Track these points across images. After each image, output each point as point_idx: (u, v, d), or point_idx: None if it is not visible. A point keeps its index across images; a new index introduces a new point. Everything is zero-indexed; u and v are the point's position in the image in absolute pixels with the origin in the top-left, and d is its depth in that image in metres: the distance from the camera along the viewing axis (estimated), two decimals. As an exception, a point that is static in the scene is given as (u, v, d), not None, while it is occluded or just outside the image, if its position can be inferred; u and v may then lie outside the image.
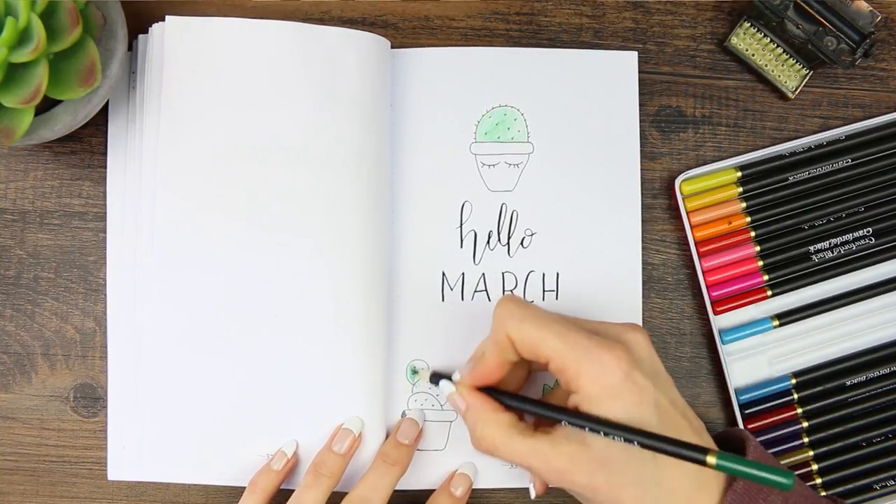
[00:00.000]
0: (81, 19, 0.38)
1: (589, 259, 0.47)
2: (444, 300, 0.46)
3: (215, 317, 0.43)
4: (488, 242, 0.47)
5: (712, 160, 0.47)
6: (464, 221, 0.47)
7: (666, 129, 0.48)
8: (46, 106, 0.41)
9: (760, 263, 0.47)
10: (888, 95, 0.48)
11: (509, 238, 0.47)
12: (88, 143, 0.47)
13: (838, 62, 0.44)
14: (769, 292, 0.47)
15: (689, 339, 0.47)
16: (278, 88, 0.44)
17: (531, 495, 0.43)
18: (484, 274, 0.47)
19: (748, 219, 0.47)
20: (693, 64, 0.48)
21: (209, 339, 0.43)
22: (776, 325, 0.47)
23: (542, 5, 0.48)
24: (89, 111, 0.42)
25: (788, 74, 0.47)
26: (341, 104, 0.44)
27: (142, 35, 0.45)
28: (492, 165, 0.47)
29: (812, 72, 0.47)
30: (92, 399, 0.46)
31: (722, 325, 0.47)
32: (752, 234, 0.47)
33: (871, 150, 0.47)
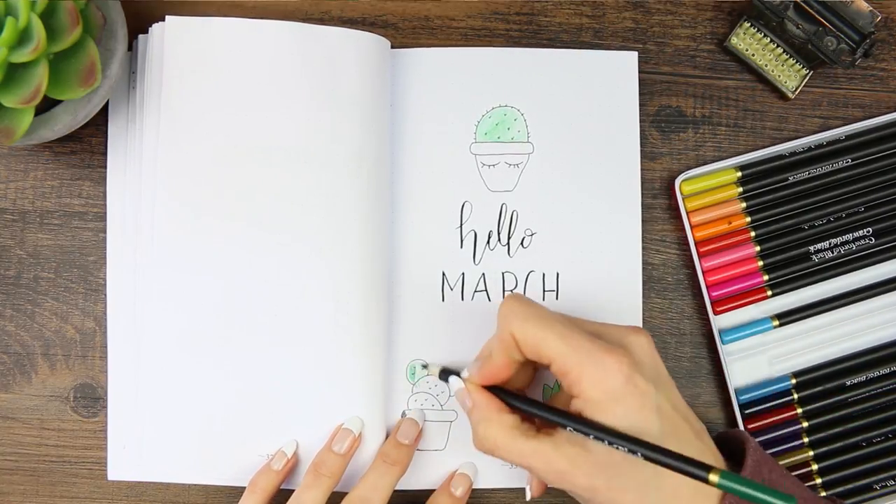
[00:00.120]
0: (81, 19, 0.38)
1: (589, 259, 0.47)
2: (444, 300, 0.46)
3: (215, 317, 0.43)
4: (488, 242, 0.47)
5: (712, 160, 0.47)
6: (464, 221, 0.47)
7: (666, 129, 0.48)
8: (46, 106, 0.41)
9: (760, 263, 0.47)
10: (888, 95, 0.48)
11: (509, 238, 0.47)
12: (88, 143, 0.47)
13: (838, 62, 0.44)
14: (769, 292, 0.47)
15: (689, 339, 0.47)
16: (278, 88, 0.44)
17: (527, 497, 0.43)
18: (484, 274, 0.47)
19: (748, 219, 0.47)
20: (693, 64, 0.48)
21: (209, 339, 0.43)
22: (776, 325, 0.47)
23: (542, 5, 0.48)
24: (89, 111, 0.42)
25: (788, 74, 0.47)
26: (341, 104, 0.44)
27: (142, 35, 0.45)
28: (492, 165, 0.47)
29: (812, 72, 0.47)
30: (92, 399, 0.46)
31: (722, 325, 0.47)
32: (752, 234, 0.47)
33: (870, 150, 0.47)
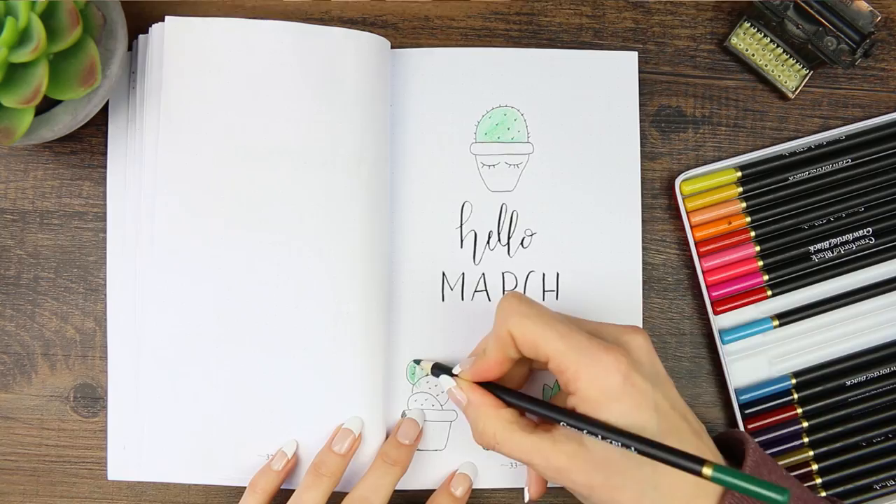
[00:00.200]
0: (81, 19, 0.38)
1: (589, 259, 0.47)
2: (444, 300, 0.46)
3: (215, 317, 0.43)
4: (488, 242, 0.47)
5: (712, 160, 0.47)
6: (464, 221, 0.47)
7: (666, 129, 0.48)
8: (46, 106, 0.41)
9: (760, 263, 0.47)
10: (888, 95, 0.48)
11: (509, 238, 0.47)
12: (88, 143, 0.47)
13: (838, 62, 0.44)
14: (769, 292, 0.47)
15: (689, 339, 0.47)
16: (278, 89, 0.44)
17: (525, 498, 0.43)
18: (484, 274, 0.47)
19: (748, 219, 0.47)
20: (693, 64, 0.48)
21: (209, 338, 0.43)
22: (776, 324, 0.47)
23: (542, 5, 0.48)
24: (89, 111, 0.42)
25: (788, 74, 0.47)
26: (341, 104, 0.44)
27: (142, 35, 0.45)
28: (492, 166, 0.47)
29: (812, 72, 0.47)
30: (92, 399, 0.46)
31: (722, 325, 0.47)
32: (752, 233, 0.47)
33: (871, 149, 0.47)
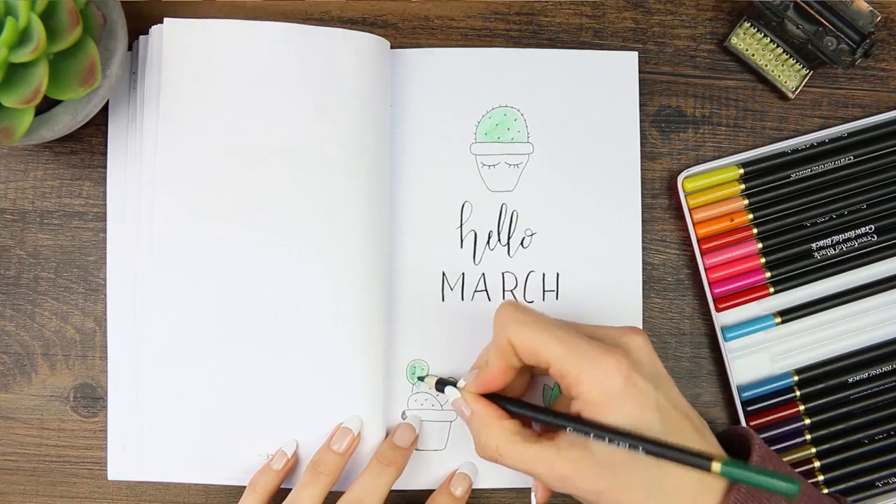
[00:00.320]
0: (81, 19, 0.38)
1: (589, 259, 0.47)
2: (444, 300, 0.46)
3: (215, 317, 0.43)
4: (488, 242, 0.47)
5: (712, 160, 0.47)
6: (464, 221, 0.47)
7: (666, 129, 0.48)
8: (46, 106, 0.41)
9: (763, 260, 0.47)
10: (888, 95, 0.48)
11: (509, 238, 0.47)
12: (88, 143, 0.47)
13: (838, 62, 0.44)
14: (771, 289, 0.47)
15: (689, 339, 0.47)
16: (277, 90, 0.44)
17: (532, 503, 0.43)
18: (484, 274, 0.47)
19: (750, 216, 0.47)
20: (693, 64, 0.48)
21: (209, 338, 0.43)
22: (778, 322, 0.47)
23: (542, 5, 0.48)
24: (89, 111, 0.42)
25: (788, 74, 0.47)
26: (340, 105, 0.44)
27: (142, 36, 0.45)
28: (492, 166, 0.47)
29: (812, 72, 0.47)
30: (92, 399, 0.46)
31: (724, 322, 0.47)
32: (755, 231, 0.47)
33: (872, 147, 0.47)
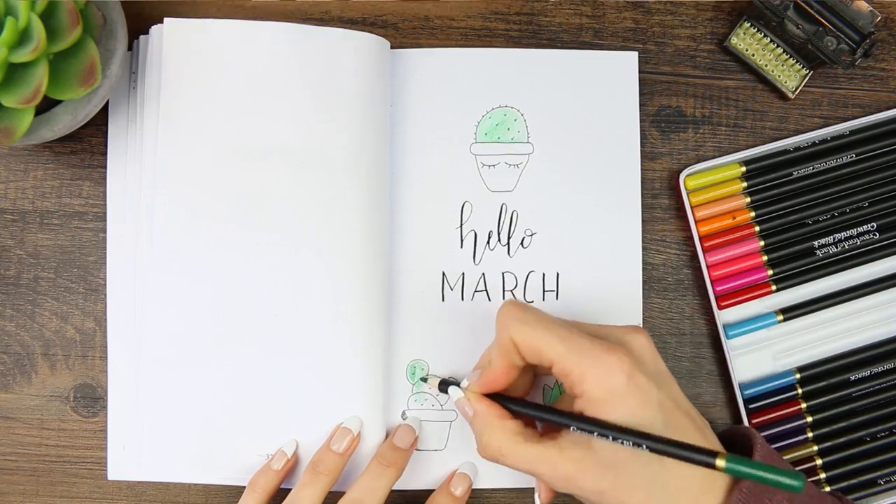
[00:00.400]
0: (81, 19, 0.38)
1: (589, 259, 0.47)
2: (444, 300, 0.46)
3: (215, 317, 0.43)
4: (488, 242, 0.47)
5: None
6: (464, 221, 0.47)
7: (666, 129, 0.48)
8: (46, 106, 0.41)
9: (765, 258, 0.47)
10: (888, 95, 0.48)
11: (509, 238, 0.47)
12: (88, 143, 0.47)
13: (838, 62, 0.44)
14: (773, 287, 0.47)
15: (689, 339, 0.47)
16: (277, 90, 0.44)
17: None
18: (484, 274, 0.47)
19: (752, 214, 0.47)
20: (693, 64, 0.48)
21: (209, 339, 0.43)
22: (780, 319, 0.47)
23: (542, 5, 0.48)
24: (89, 111, 0.42)
25: (788, 74, 0.47)
26: (340, 105, 0.44)
27: (142, 36, 0.45)
28: (492, 166, 0.47)
29: (812, 72, 0.47)
30: (92, 399, 0.46)
31: (726, 319, 0.47)
32: (757, 228, 0.47)
33: (874, 145, 0.47)
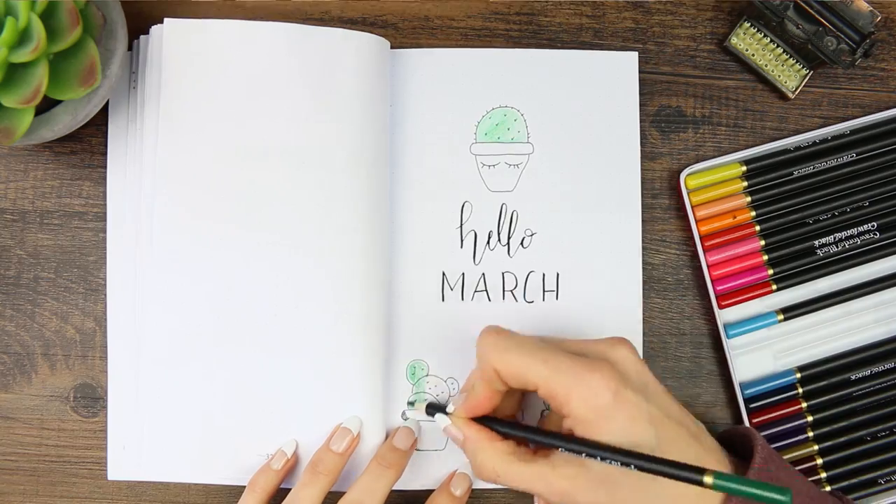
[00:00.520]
0: (81, 19, 0.38)
1: (589, 259, 0.46)
2: (444, 300, 0.46)
3: (215, 317, 0.43)
4: (488, 242, 0.47)
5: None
6: (464, 221, 0.47)
7: (666, 129, 0.48)
8: (46, 106, 0.41)
9: (765, 258, 0.47)
10: (888, 95, 0.48)
11: (509, 238, 0.47)
12: (88, 143, 0.47)
13: (838, 62, 0.44)
14: (774, 286, 0.47)
15: (689, 339, 0.47)
16: (277, 90, 0.44)
17: None
18: (484, 274, 0.47)
19: (753, 213, 0.47)
20: (693, 64, 0.48)
21: (209, 338, 0.43)
22: (781, 319, 0.47)
23: (542, 5, 0.48)
24: (89, 111, 0.42)
25: (788, 74, 0.47)
26: (340, 105, 0.44)
27: (142, 36, 0.45)
28: (492, 166, 0.47)
29: (812, 72, 0.47)
30: (92, 399, 0.46)
31: (727, 319, 0.47)
32: (757, 228, 0.47)
33: (875, 144, 0.47)
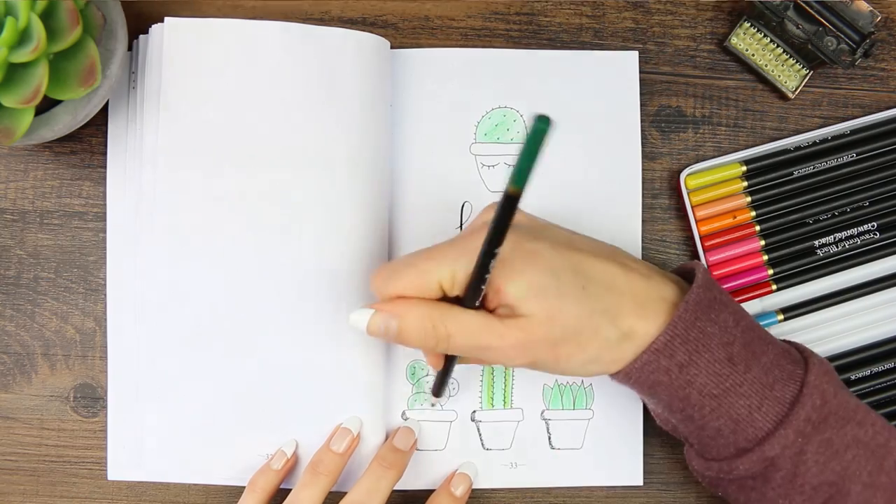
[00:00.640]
0: (81, 19, 0.38)
1: (589, 259, 0.46)
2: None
3: (215, 317, 0.43)
4: (488, 242, 0.47)
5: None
6: (464, 221, 0.47)
7: (666, 129, 0.48)
8: (46, 106, 0.41)
9: (765, 258, 0.47)
10: (888, 95, 0.48)
11: (509, 238, 0.47)
12: (88, 143, 0.47)
13: (838, 62, 0.44)
14: (774, 286, 0.47)
15: (689, 340, 0.47)
16: (277, 89, 0.44)
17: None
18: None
19: (753, 213, 0.47)
20: (693, 64, 0.48)
21: (209, 339, 0.43)
22: (781, 319, 0.47)
23: (542, 5, 0.48)
24: (89, 111, 0.42)
25: (788, 74, 0.47)
26: (340, 105, 0.44)
27: (142, 35, 0.45)
28: (492, 166, 0.47)
29: (812, 72, 0.47)
30: (92, 399, 0.46)
31: (726, 320, 0.47)
32: (757, 228, 0.47)
33: (875, 144, 0.47)
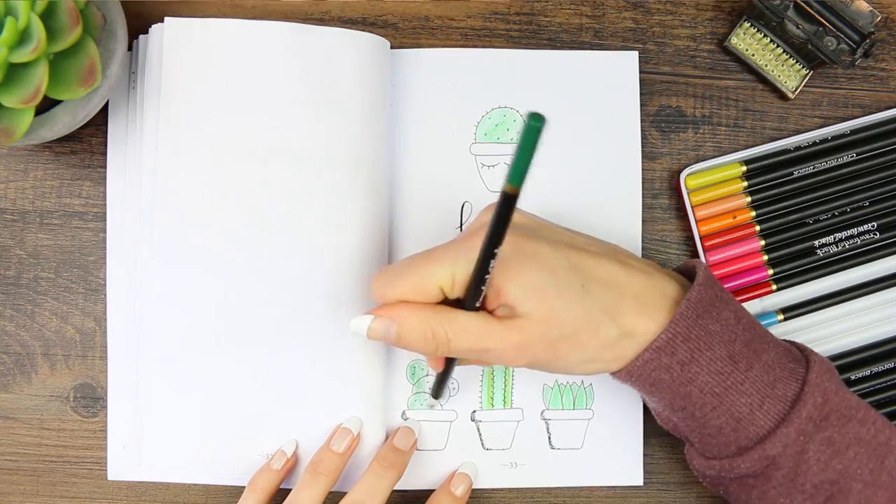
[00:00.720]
0: (81, 19, 0.38)
1: (589, 259, 0.46)
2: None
3: (214, 317, 0.43)
4: (488, 242, 0.47)
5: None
6: (464, 221, 0.47)
7: (666, 129, 0.48)
8: (46, 106, 0.41)
9: (765, 258, 0.47)
10: (888, 95, 0.48)
11: (509, 238, 0.47)
12: (88, 143, 0.47)
13: (838, 62, 0.44)
14: (774, 286, 0.47)
15: (689, 340, 0.47)
16: (277, 89, 0.44)
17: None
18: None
19: (753, 213, 0.47)
20: (693, 64, 0.48)
21: (209, 339, 0.43)
22: (781, 319, 0.47)
23: (542, 5, 0.48)
24: (89, 111, 0.42)
25: (788, 74, 0.47)
26: (340, 105, 0.44)
27: (142, 35, 0.45)
28: (491, 166, 0.47)
29: (812, 72, 0.47)
30: (92, 399, 0.46)
31: (727, 319, 0.47)
32: (757, 228, 0.47)
33: (875, 144, 0.47)
